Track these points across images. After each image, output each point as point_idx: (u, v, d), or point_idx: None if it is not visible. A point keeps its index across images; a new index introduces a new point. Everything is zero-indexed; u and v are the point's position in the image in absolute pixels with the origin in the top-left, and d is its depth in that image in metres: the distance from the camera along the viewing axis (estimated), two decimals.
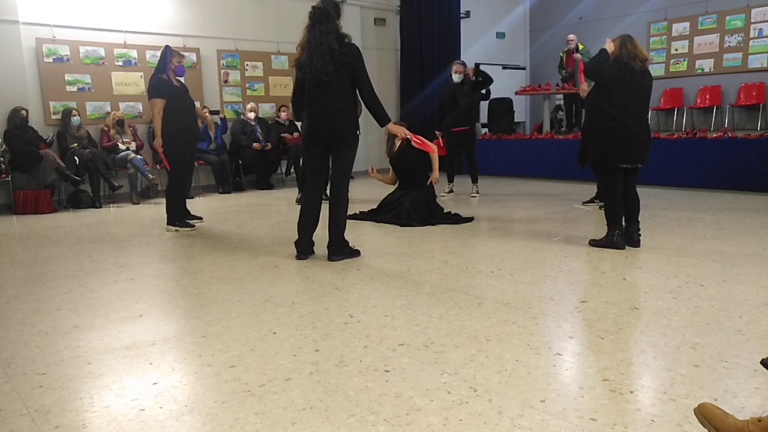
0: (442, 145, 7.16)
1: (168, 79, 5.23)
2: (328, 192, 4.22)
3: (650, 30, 11.06)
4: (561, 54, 9.70)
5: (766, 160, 6.76)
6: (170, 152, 5.28)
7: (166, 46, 5.37)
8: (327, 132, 3.95)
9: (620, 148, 4.04)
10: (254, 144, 8.50)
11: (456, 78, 7.04)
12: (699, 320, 2.73)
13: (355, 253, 4.19)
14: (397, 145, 5.82)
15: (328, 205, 4.08)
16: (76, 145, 7.19)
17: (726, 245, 4.25)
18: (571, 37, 9.38)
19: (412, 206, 5.44)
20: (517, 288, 3.34)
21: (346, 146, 3.99)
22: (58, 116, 7.39)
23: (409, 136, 4.61)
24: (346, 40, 3.85)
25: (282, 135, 8.61)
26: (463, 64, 7.21)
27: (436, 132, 7.39)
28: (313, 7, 3.85)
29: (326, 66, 3.77)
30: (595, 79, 4.20)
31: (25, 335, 2.79)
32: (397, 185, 5.92)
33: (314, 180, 4.15)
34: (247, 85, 9.20)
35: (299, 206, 4.23)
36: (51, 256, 4.50)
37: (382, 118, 4.00)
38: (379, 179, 6.15)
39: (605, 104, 4.04)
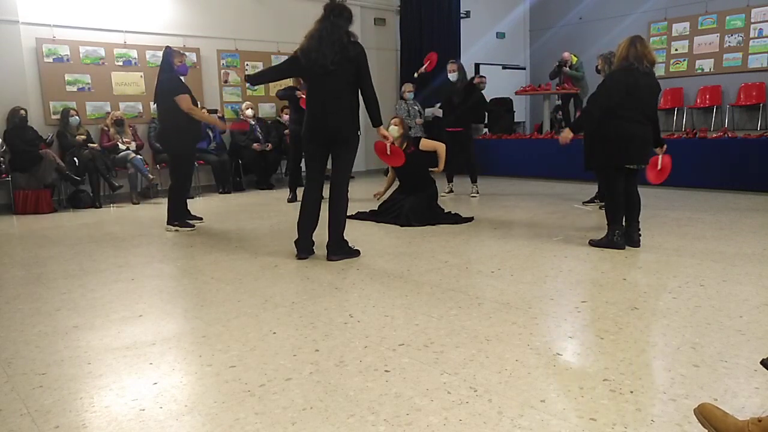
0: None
1: (179, 77, 5.26)
2: (327, 192, 4.22)
3: (650, 30, 11.06)
4: (555, 66, 9.69)
5: (766, 160, 6.76)
6: (176, 151, 5.28)
7: (167, 47, 5.37)
8: (327, 131, 3.96)
9: (626, 149, 4.04)
10: (254, 145, 8.50)
11: (451, 77, 7.04)
12: (699, 320, 2.73)
13: (355, 253, 4.19)
14: (404, 146, 5.79)
15: (327, 204, 4.08)
16: (82, 138, 7.19)
17: (726, 245, 4.25)
18: (566, 56, 9.41)
19: (412, 209, 5.44)
20: (517, 288, 3.34)
21: (346, 147, 4.00)
22: (58, 116, 7.39)
23: (388, 143, 4.44)
24: (352, 39, 3.89)
25: (285, 132, 8.56)
26: (456, 62, 7.20)
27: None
28: (331, 1, 3.90)
29: (334, 55, 3.80)
30: (612, 103, 4.09)
31: (25, 335, 2.79)
32: (397, 186, 5.93)
33: (314, 179, 4.15)
34: (247, 85, 9.19)
35: (300, 205, 4.22)
36: (51, 256, 4.50)
37: (376, 120, 4.03)
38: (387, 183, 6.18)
39: (620, 108, 4.01)
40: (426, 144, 5.78)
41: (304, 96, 6.54)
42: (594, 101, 4.15)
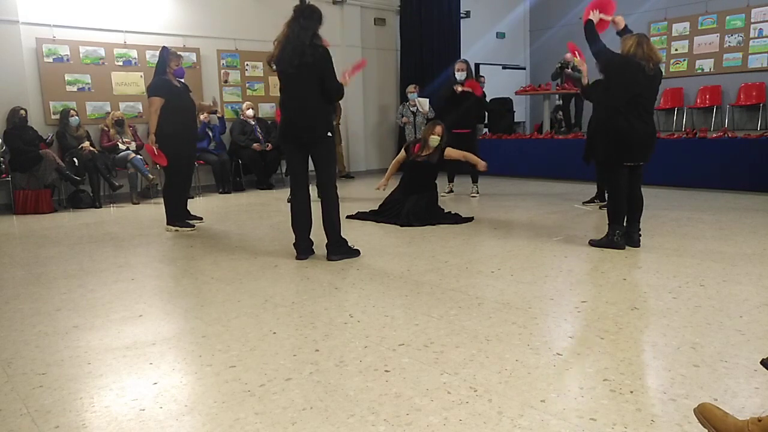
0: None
1: (169, 80, 5.24)
2: (317, 193, 4.22)
3: (650, 30, 11.04)
4: (557, 67, 9.69)
5: (766, 160, 6.76)
6: (169, 152, 5.28)
7: (163, 47, 5.37)
8: (298, 132, 3.99)
9: (626, 146, 4.05)
10: (254, 145, 8.50)
11: (459, 76, 7.00)
12: (699, 320, 2.73)
13: (355, 253, 4.19)
14: (423, 154, 5.79)
15: (320, 206, 4.09)
16: (87, 142, 7.19)
17: (726, 245, 4.25)
18: (568, 57, 9.43)
19: (412, 209, 5.44)
20: (517, 288, 3.34)
21: (321, 147, 4.02)
22: (58, 116, 7.39)
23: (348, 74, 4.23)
24: (315, 41, 3.87)
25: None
26: (465, 62, 7.18)
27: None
28: (300, 1, 3.89)
29: (293, 59, 3.83)
30: (601, 59, 4.15)
31: (25, 335, 2.79)
32: (398, 185, 5.92)
33: (298, 181, 4.16)
34: (247, 85, 9.20)
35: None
36: (51, 256, 4.50)
37: (339, 94, 4.01)
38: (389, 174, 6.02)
39: (612, 101, 4.04)
40: (452, 153, 5.81)
41: None
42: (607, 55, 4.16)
